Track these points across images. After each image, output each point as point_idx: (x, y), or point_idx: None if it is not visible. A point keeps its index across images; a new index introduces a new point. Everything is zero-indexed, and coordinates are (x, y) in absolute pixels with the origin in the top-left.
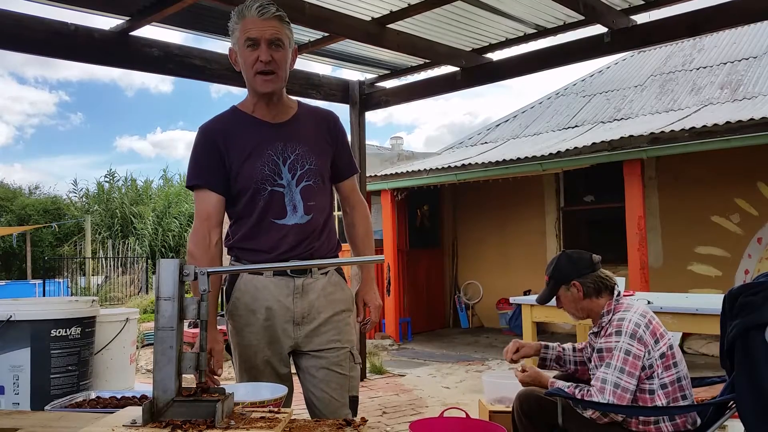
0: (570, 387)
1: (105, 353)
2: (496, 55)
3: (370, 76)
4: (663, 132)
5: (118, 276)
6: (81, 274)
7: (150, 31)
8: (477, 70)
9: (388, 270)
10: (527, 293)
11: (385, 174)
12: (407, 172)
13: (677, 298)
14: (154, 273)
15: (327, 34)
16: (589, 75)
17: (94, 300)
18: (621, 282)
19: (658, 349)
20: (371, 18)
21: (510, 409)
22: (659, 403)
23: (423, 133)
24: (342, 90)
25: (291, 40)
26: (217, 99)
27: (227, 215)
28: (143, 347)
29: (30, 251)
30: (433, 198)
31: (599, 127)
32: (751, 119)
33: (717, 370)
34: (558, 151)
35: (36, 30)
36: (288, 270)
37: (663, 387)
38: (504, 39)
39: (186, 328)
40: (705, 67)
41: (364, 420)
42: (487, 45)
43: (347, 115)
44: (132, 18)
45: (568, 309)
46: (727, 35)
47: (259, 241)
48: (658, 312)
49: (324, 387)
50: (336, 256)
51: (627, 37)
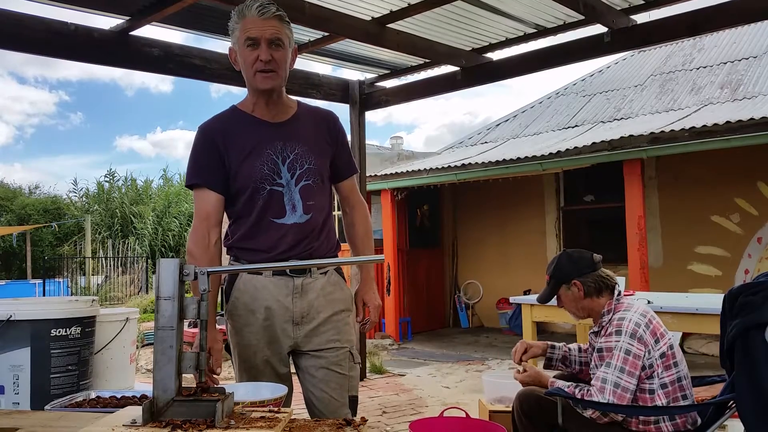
0: (570, 387)
1: (105, 353)
2: (496, 55)
3: (370, 75)
4: (663, 132)
5: (118, 276)
6: (81, 273)
7: (150, 31)
8: (477, 69)
9: (388, 270)
10: (527, 293)
11: (385, 174)
12: (407, 171)
13: (677, 297)
14: (154, 273)
15: (327, 33)
16: (589, 75)
17: (94, 300)
18: (621, 282)
19: (658, 349)
20: (371, 18)
21: (510, 409)
22: (659, 403)
23: (423, 133)
24: (342, 90)
25: (291, 39)
26: (217, 99)
27: (226, 215)
28: (143, 347)
29: (30, 251)
30: (433, 198)
31: (599, 127)
32: (751, 119)
33: (717, 369)
34: (558, 151)
35: (36, 30)
36: (287, 270)
37: (663, 387)
38: (504, 39)
39: (185, 327)
40: (705, 67)
41: (364, 420)
42: (487, 45)
43: (347, 115)
44: (132, 18)
45: (568, 308)
46: (727, 35)
47: (258, 241)
48: (658, 312)
49: (323, 387)
50: (335, 255)
51: (627, 37)
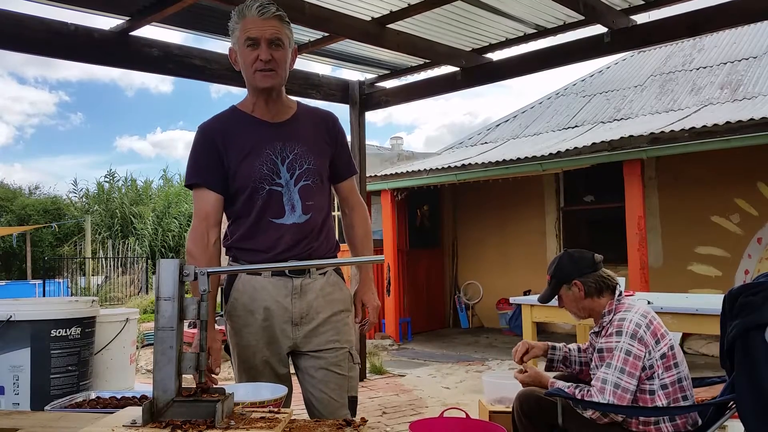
0: (570, 387)
1: (105, 353)
2: (496, 55)
3: (370, 76)
4: (663, 132)
5: (118, 276)
6: (81, 274)
7: (150, 31)
8: (477, 70)
9: (388, 270)
10: (527, 293)
11: (385, 174)
12: (407, 172)
13: (677, 298)
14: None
15: (327, 34)
16: (589, 75)
17: (94, 300)
18: (621, 282)
19: (658, 350)
20: (371, 18)
21: (510, 409)
22: (660, 404)
23: (423, 133)
24: (342, 90)
25: (291, 39)
26: (217, 99)
27: (226, 215)
28: (143, 347)
29: (30, 251)
30: (433, 198)
31: (599, 127)
32: (751, 119)
33: (717, 370)
34: (558, 151)
35: (36, 30)
36: (286, 270)
37: (663, 387)
38: (504, 39)
39: (185, 327)
40: (705, 67)
41: (364, 420)
42: (487, 45)
43: (347, 115)
44: (132, 18)
45: (569, 308)
46: (727, 35)
47: (257, 241)
48: (658, 312)
49: (323, 387)
50: (335, 256)
51: (627, 37)
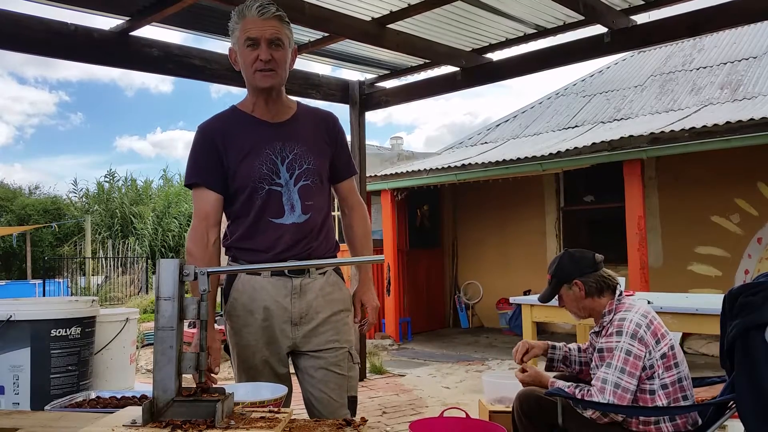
0: (570, 387)
1: (105, 353)
2: (496, 55)
3: (370, 76)
4: (663, 132)
5: (118, 276)
6: (81, 274)
7: (150, 31)
8: (477, 70)
9: (388, 270)
10: (527, 293)
11: (385, 174)
12: (407, 172)
13: (677, 298)
14: (154, 273)
15: (327, 34)
16: (589, 75)
17: (94, 300)
18: (621, 282)
19: (659, 350)
20: (371, 18)
21: (510, 409)
22: (660, 404)
23: (423, 133)
24: (342, 90)
25: (291, 40)
26: (217, 99)
27: (225, 214)
28: (143, 347)
29: (30, 251)
30: (433, 198)
31: (599, 127)
32: (751, 119)
33: (717, 370)
34: (558, 151)
35: (36, 30)
36: (286, 270)
37: (664, 387)
38: (504, 39)
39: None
40: (705, 67)
41: (364, 420)
42: (487, 45)
43: (347, 115)
44: (132, 18)
45: (569, 308)
46: (727, 35)
47: (256, 241)
48: (658, 312)
49: (322, 387)
50: (334, 256)
51: (627, 37)
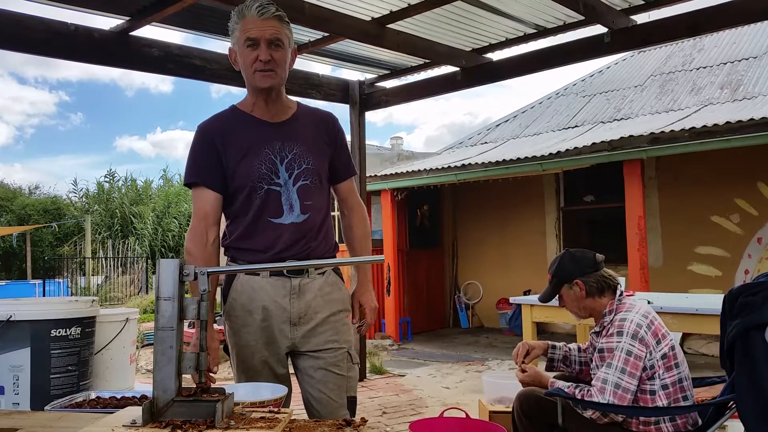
0: (570, 387)
1: (105, 353)
2: (496, 55)
3: (370, 76)
4: (663, 132)
5: (118, 276)
6: (81, 274)
7: (150, 31)
8: (477, 70)
9: (388, 270)
10: (527, 293)
11: (385, 174)
12: (407, 172)
13: (677, 298)
14: (154, 273)
15: (327, 34)
16: (589, 75)
17: (94, 300)
18: (621, 282)
19: (659, 350)
20: (371, 18)
21: (510, 409)
22: (660, 404)
23: (423, 133)
24: (342, 90)
25: (291, 40)
26: (217, 99)
27: (224, 214)
28: (143, 347)
29: (30, 251)
30: (433, 198)
31: (599, 127)
32: (751, 119)
33: (717, 370)
34: (558, 151)
35: (36, 30)
36: (285, 270)
37: (664, 388)
38: (504, 39)
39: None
40: (705, 67)
41: (364, 420)
42: (487, 45)
43: (347, 115)
44: (132, 18)
45: (570, 308)
46: (727, 35)
47: (255, 240)
48: (658, 312)
49: (322, 387)
50: (333, 256)
51: (627, 37)
